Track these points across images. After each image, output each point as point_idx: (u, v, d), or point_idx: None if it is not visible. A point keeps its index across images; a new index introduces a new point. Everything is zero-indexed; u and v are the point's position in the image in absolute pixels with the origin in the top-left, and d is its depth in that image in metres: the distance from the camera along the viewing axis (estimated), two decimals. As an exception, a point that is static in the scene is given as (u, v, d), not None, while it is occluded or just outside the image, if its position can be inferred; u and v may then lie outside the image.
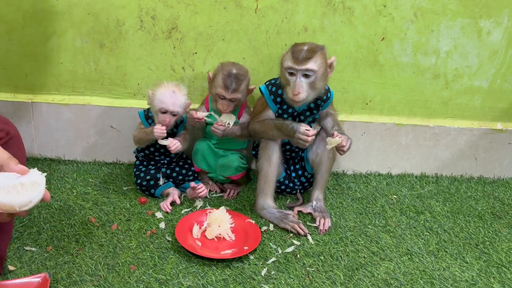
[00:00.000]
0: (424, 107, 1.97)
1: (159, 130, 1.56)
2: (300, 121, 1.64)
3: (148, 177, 1.68)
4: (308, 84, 1.48)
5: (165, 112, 1.58)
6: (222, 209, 1.56)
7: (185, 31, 1.74)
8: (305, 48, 1.46)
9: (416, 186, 1.96)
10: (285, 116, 1.62)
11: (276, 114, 1.62)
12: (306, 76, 1.47)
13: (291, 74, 1.49)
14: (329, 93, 1.63)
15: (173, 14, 1.71)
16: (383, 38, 1.81)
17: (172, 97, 1.57)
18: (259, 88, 1.63)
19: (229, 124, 1.64)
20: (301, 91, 1.46)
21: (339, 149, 1.54)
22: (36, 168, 0.81)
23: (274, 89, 1.60)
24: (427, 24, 1.80)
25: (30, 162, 1.84)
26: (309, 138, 1.48)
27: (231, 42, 1.77)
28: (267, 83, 1.64)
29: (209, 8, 1.71)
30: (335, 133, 1.54)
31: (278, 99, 1.60)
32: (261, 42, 1.78)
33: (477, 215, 1.77)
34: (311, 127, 1.68)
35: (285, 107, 1.60)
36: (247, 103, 1.76)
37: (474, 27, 1.83)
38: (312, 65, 1.45)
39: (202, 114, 1.64)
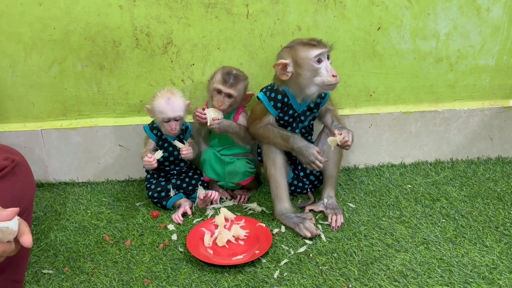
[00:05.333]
0: (430, 92, 1.94)
1: (147, 162, 1.61)
2: (301, 121, 1.63)
3: (159, 189, 1.71)
4: None
5: (168, 120, 1.63)
6: (223, 209, 1.62)
7: (180, 44, 1.77)
8: (313, 39, 1.52)
9: (431, 173, 1.91)
10: (286, 118, 1.62)
11: (277, 117, 1.62)
12: (328, 57, 1.52)
13: (319, 61, 1.49)
14: None
15: (166, 29, 1.74)
16: (379, 28, 1.79)
17: (169, 104, 1.62)
18: (257, 97, 1.63)
19: (218, 119, 1.64)
20: (336, 73, 1.49)
21: (344, 145, 1.54)
22: (16, 218, 0.81)
23: (273, 94, 1.59)
24: (423, 8, 1.77)
25: (46, 187, 1.89)
26: (321, 165, 1.53)
27: (226, 50, 1.78)
28: (264, 90, 1.63)
29: (201, 19, 1.73)
30: (335, 131, 1.54)
31: (279, 105, 1.59)
32: (257, 46, 1.79)
33: (496, 197, 1.72)
34: (312, 125, 1.69)
35: (285, 109, 1.60)
36: (244, 107, 1.76)
37: (472, 5, 1.79)
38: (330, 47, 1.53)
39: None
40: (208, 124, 1.64)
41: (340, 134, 1.51)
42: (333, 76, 1.48)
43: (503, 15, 1.81)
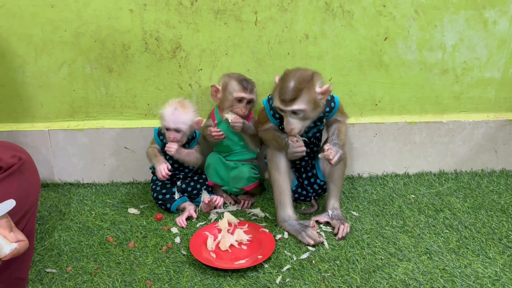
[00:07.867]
0: (435, 103, 1.94)
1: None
2: (305, 132, 1.61)
3: (164, 191, 1.72)
4: (299, 119, 1.49)
5: (168, 129, 1.64)
6: (227, 214, 1.63)
7: (189, 49, 1.78)
8: (291, 86, 1.44)
9: (435, 184, 1.92)
10: None
11: (280, 127, 1.62)
12: (294, 113, 1.47)
13: (281, 110, 1.50)
14: (333, 103, 1.60)
15: (175, 34, 1.76)
16: (386, 38, 1.81)
17: (173, 115, 1.63)
18: (262, 102, 1.65)
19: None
20: (294, 127, 1.49)
21: (328, 161, 1.53)
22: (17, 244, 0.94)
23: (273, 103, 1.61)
24: (430, 19, 1.79)
25: (51, 187, 1.90)
26: (302, 148, 1.52)
27: (234, 56, 1.80)
28: (269, 96, 1.64)
29: (210, 25, 1.75)
30: (325, 146, 1.52)
31: (277, 115, 1.60)
32: (264, 53, 1.80)
33: (500, 209, 1.72)
34: (318, 136, 1.70)
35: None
36: (252, 114, 1.77)
37: (479, 18, 1.80)
38: (299, 105, 1.45)
39: (216, 129, 1.68)
40: (231, 120, 1.65)
41: (328, 150, 1.51)
42: (287, 131, 1.51)
43: (510, 28, 1.82)
